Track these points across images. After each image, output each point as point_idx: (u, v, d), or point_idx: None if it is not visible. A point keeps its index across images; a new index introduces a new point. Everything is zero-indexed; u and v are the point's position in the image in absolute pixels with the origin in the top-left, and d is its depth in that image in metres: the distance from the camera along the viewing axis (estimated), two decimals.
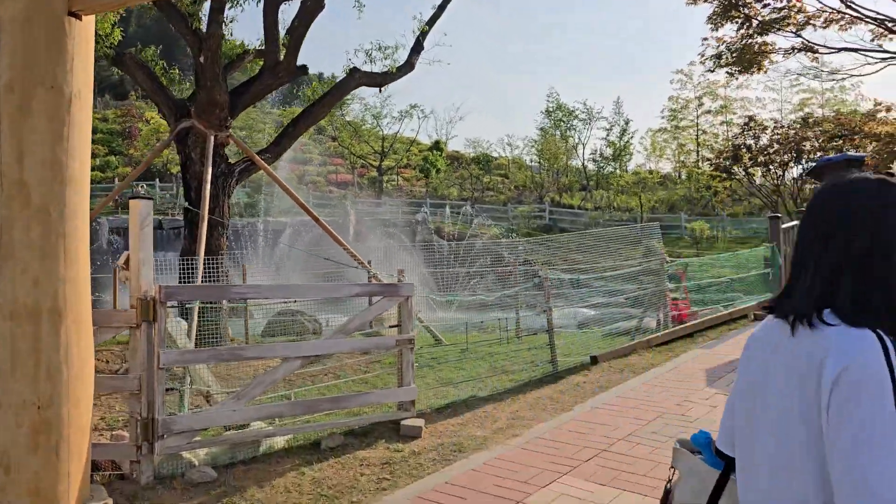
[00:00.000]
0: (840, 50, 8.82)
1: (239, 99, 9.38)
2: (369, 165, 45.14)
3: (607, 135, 48.23)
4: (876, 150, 9.36)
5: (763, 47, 9.01)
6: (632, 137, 48.88)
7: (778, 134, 30.36)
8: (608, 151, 47.24)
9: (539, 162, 50.36)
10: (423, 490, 4.67)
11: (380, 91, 10.63)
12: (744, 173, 31.58)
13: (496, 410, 6.54)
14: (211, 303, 6.84)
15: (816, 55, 9.23)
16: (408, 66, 10.81)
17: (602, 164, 47.62)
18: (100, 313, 4.47)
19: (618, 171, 49.28)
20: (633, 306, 9.20)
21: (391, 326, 6.23)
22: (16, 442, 3.87)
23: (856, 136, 29.30)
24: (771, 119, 33.92)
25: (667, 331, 9.48)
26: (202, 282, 8.04)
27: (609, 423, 5.98)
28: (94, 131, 37.33)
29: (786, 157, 30.30)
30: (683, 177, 50.65)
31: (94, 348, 4.22)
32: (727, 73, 9.70)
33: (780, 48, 9.31)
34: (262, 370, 7.16)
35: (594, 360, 8.25)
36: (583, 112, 47.40)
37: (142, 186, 30.20)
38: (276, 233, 30.04)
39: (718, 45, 9.38)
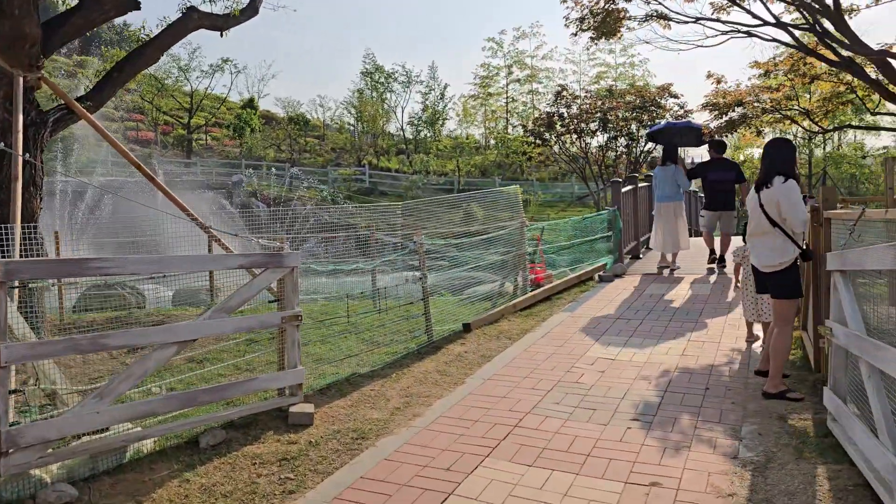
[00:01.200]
0: (697, 20, 9.18)
1: (54, 33, 7.81)
2: (175, 123, 41.68)
3: (425, 99, 48.44)
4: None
5: (620, 13, 9.17)
6: (448, 102, 49.54)
7: (587, 103, 32.11)
8: (425, 115, 47.46)
9: (356, 124, 49.50)
10: (337, 489, 4.10)
11: (221, 35, 9.44)
12: (555, 140, 33.11)
13: (384, 388, 6.05)
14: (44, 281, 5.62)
15: (669, 23, 9.57)
16: (251, 10, 9.68)
17: (420, 128, 47.81)
18: None
19: (432, 136, 49.81)
20: (499, 270, 9.07)
21: (271, 301, 5.48)
22: None
23: (653, 108, 31.81)
24: (582, 89, 35.81)
25: (528, 294, 9.48)
26: (21, 255, 6.67)
27: (509, 397, 5.74)
28: None
29: (593, 125, 32.18)
30: (492, 143, 52.38)
31: None
32: (590, 38, 9.77)
33: (634, 16, 9.55)
34: (124, 364, 6.10)
35: (467, 328, 8.00)
36: (402, 75, 47.09)
37: None
38: (76, 195, 26.78)
39: (582, 10, 9.41)
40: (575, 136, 31.95)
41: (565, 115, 31.88)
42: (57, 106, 8.35)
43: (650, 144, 32.42)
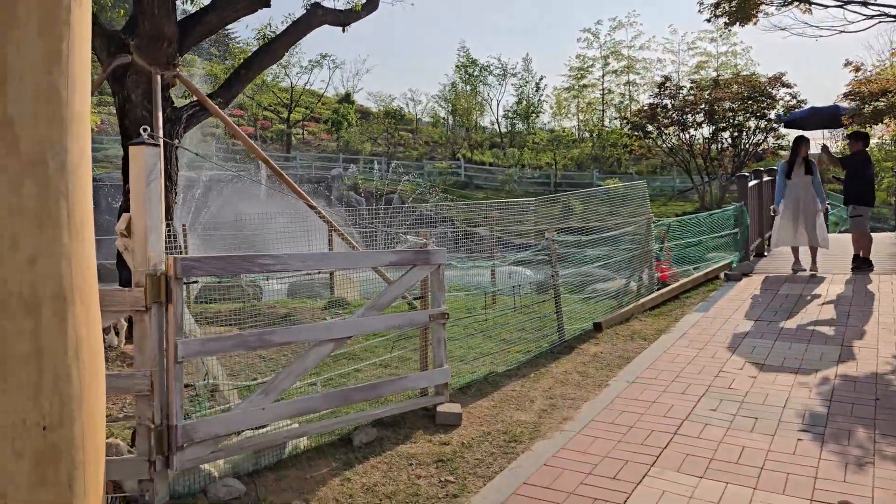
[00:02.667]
0: (843, 4, 8.51)
1: (189, 32, 8.05)
2: (274, 118, 42.93)
3: (519, 92, 47.96)
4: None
5: None
6: (543, 94, 48.90)
7: (692, 94, 30.93)
8: (520, 108, 47.00)
9: (449, 118, 49.59)
10: (501, 495, 3.96)
11: (343, 31, 9.52)
12: (657, 132, 32.07)
13: (525, 389, 5.88)
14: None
15: (809, 8, 8.94)
16: (371, 5, 9.73)
17: (515, 121, 47.40)
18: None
19: (527, 128, 49.28)
20: (625, 267, 8.73)
21: (416, 299, 5.40)
22: (14, 478, 2.84)
23: (763, 98, 30.30)
24: (686, 78, 34.54)
25: (655, 293, 9.10)
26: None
27: (660, 402, 5.45)
28: None
29: (698, 117, 30.97)
30: (586, 135, 51.34)
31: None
32: (724, 23, 9.26)
33: (773, 0, 8.96)
34: (262, 358, 6.19)
35: (597, 327, 7.73)
36: (497, 67, 46.79)
37: None
38: (186, 188, 27.98)
39: None
40: (679, 128, 30.83)
41: (669, 105, 30.81)
42: (190, 102, 8.60)
43: (758, 136, 30.95)
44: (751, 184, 11.58)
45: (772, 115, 30.13)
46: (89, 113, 3.20)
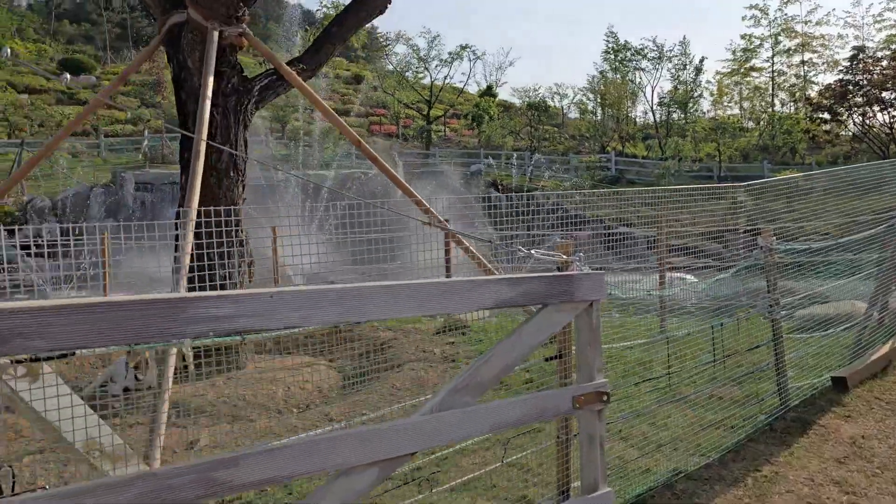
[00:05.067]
0: None
1: None
2: (415, 115, 41.81)
3: (675, 77, 43.73)
4: None
5: None
6: (703, 78, 44.37)
7: (893, 66, 25.99)
8: (678, 95, 42.79)
9: (598, 109, 46.25)
10: None
11: None
12: (847, 114, 27.33)
13: None
14: None
15: None
16: None
17: (671, 109, 43.26)
18: None
19: (685, 117, 44.85)
20: (875, 290, 5.82)
21: (549, 359, 3.09)
22: None
23: None
24: (887, 50, 29.38)
25: None
26: (221, 248, 4.99)
27: None
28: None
29: None
30: (751, 124, 46.02)
31: None
32: None
33: None
34: None
35: (840, 384, 4.98)
36: (652, 50, 42.84)
37: None
38: (317, 190, 27.06)
39: None
40: (877, 108, 26.04)
41: (863, 82, 26.09)
42: (266, 71, 6.72)
43: None
44: None
45: None
46: None
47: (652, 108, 43.74)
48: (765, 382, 4.79)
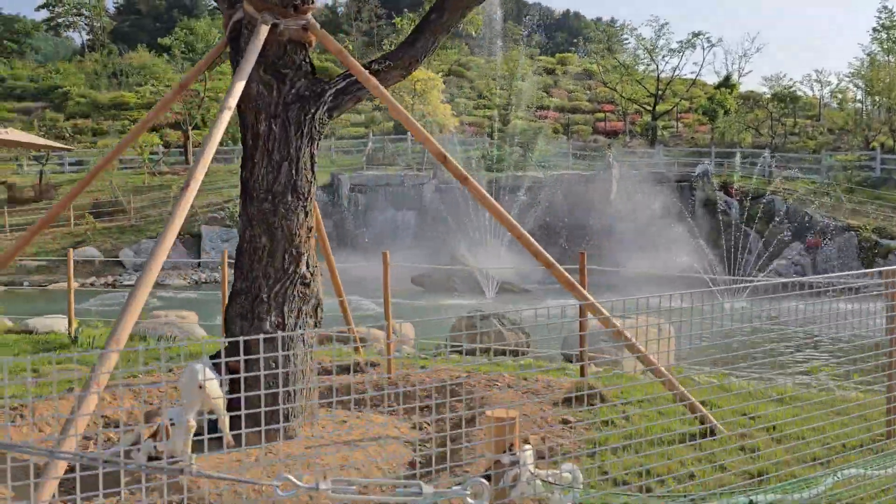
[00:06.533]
0: None
1: None
2: (642, 110, 38.90)
3: None
4: None
5: None
6: None
7: None
8: None
9: (867, 99, 39.54)
10: None
11: None
12: None
13: None
14: None
15: None
16: None
17: None
18: None
19: None
20: None
21: None
22: None
23: None
24: None
25: None
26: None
27: None
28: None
29: None
30: None
31: None
32: None
33: None
34: None
35: None
36: None
37: None
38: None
39: None
40: None
41: None
42: (342, 74, 5.55)
43: None
44: None
45: None
46: None
47: None
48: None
